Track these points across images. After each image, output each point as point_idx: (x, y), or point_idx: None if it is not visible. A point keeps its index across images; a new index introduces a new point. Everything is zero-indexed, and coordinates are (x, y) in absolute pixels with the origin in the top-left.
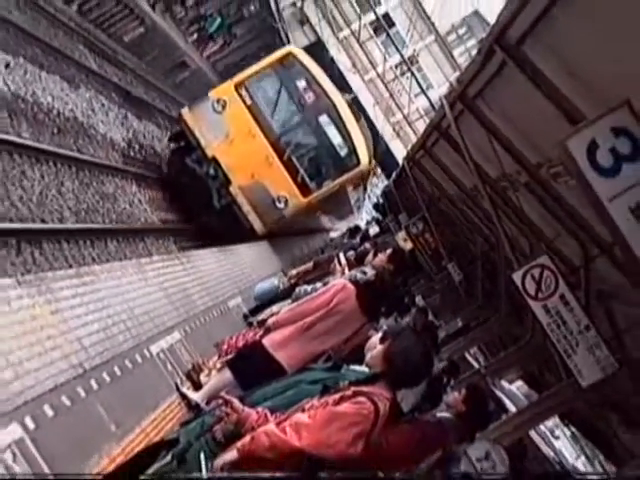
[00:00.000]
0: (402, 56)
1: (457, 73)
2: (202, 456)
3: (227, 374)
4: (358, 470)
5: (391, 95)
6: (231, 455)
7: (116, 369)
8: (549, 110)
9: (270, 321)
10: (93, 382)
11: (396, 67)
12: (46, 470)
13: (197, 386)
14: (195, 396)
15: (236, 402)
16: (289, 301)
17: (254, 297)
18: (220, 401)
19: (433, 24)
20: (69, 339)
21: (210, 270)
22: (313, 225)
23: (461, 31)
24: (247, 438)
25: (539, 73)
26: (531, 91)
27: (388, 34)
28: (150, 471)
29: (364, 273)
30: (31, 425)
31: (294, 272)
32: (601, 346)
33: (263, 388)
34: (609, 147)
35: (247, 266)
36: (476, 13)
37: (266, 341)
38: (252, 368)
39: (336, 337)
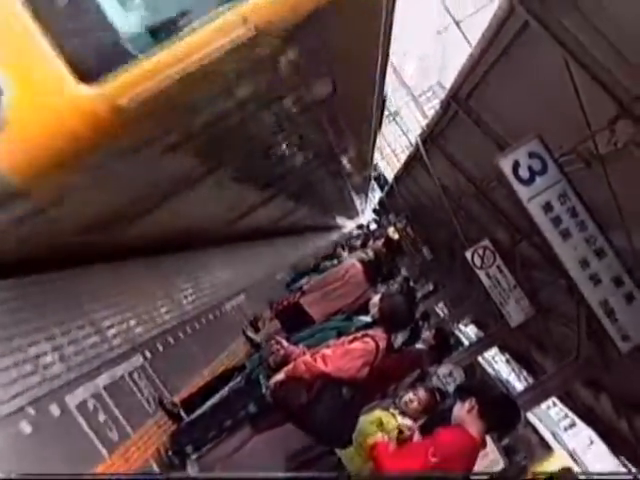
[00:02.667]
0: (389, 110)
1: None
2: (261, 377)
3: (276, 323)
4: (364, 387)
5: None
6: (280, 376)
7: (210, 316)
8: (487, 143)
9: (304, 287)
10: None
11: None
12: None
13: (257, 330)
14: (255, 337)
15: (284, 341)
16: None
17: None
18: (273, 341)
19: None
20: None
21: (259, 257)
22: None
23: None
24: (291, 365)
25: (480, 118)
26: (475, 130)
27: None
28: (226, 388)
29: (367, 254)
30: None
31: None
32: (524, 299)
33: (300, 332)
34: (527, 165)
35: (284, 259)
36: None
37: (302, 301)
38: (293, 319)
39: (349, 298)
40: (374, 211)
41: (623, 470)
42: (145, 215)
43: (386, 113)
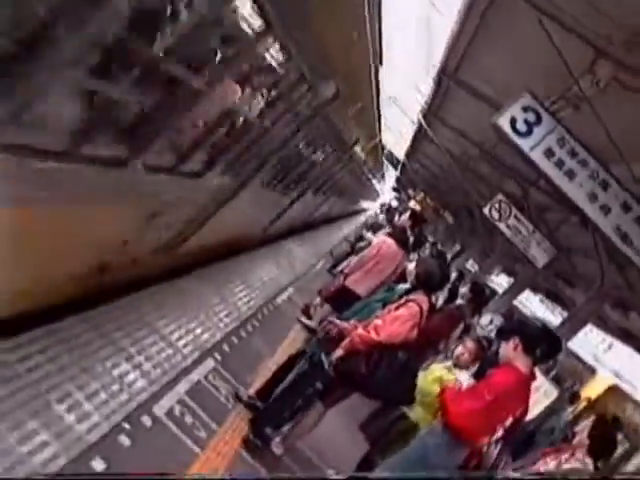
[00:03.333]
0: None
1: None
2: (322, 356)
3: (327, 307)
4: (414, 348)
5: None
6: (339, 352)
7: (266, 312)
8: (483, 107)
9: (345, 270)
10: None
11: None
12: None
13: (310, 317)
14: (310, 323)
15: (337, 321)
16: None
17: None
18: (326, 322)
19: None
20: None
21: (300, 251)
22: None
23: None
24: (347, 340)
25: (471, 87)
26: (469, 98)
27: None
28: (292, 373)
29: (394, 229)
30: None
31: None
32: (544, 241)
33: (350, 310)
34: (523, 119)
35: (321, 248)
36: None
37: (346, 282)
38: (341, 300)
39: (387, 271)
40: (393, 189)
41: None
42: (201, 232)
43: (386, 97)
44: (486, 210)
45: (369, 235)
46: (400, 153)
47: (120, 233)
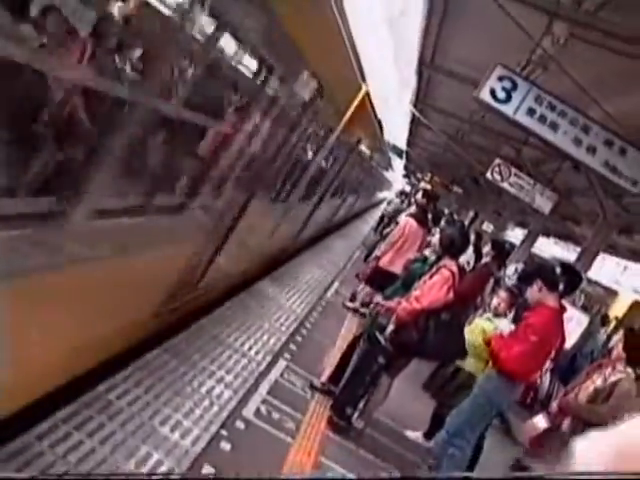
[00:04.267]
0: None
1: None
2: (377, 333)
3: (367, 288)
4: (454, 308)
5: None
6: (390, 327)
7: (319, 308)
8: (464, 85)
9: (378, 253)
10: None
11: None
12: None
13: (353, 299)
14: (352, 305)
15: (381, 300)
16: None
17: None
18: (373, 304)
19: None
20: None
21: (337, 247)
22: None
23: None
24: (394, 316)
25: (450, 71)
26: (450, 81)
27: None
28: (355, 355)
29: (413, 209)
30: (288, 357)
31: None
32: (545, 190)
33: (390, 288)
34: (500, 87)
35: (354, 241)
36: None
37: (380, 264)
38: (379, 280)
39: (415, 246)
40: (403, 176)
41: None
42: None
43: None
44: (488, 175)
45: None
46: (402, 143)
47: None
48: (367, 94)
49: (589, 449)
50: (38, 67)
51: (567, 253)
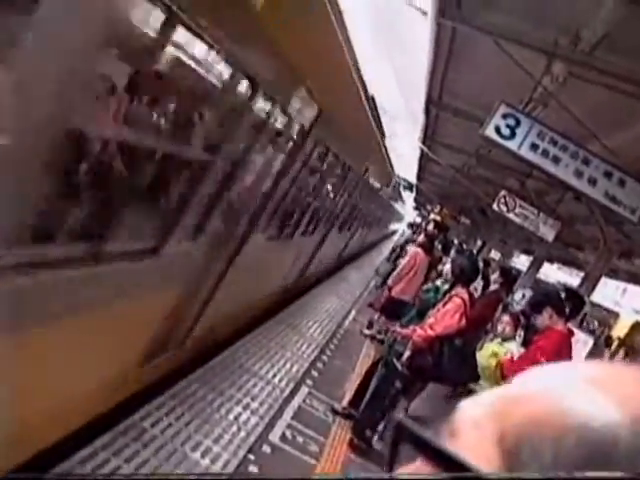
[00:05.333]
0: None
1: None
2: (394, 359)
3: (382, 318)
4: (466, 334)
5: None
6: (407, 353)
7: (338, 335)
8: (469, 122)
9: (390, 283)
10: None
11: None
12: None
13: (370, 327)
14: (369, 332)
15: (397, 328)
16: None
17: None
18: (390, 332)
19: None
20: None
21: (353, 277)
22: None
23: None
24: (410, 342)
25: (456, 108)
26: (456, 119)
27: None
28: (374, 379)
29: (423, 239)
30: (310, 383)
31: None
32: (548, 219)
33: (406, 316)
34: (505, 125)
35: (368, 271)
36: None
37: (393, 293)
38: (392, 308)
39: (423, 273)
40: (414, 208)
41: None
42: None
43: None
44: (495, 206)
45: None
46: (412, 177)
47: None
48: (380, 132)
49: (472, 402)
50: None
51: (571, 278)
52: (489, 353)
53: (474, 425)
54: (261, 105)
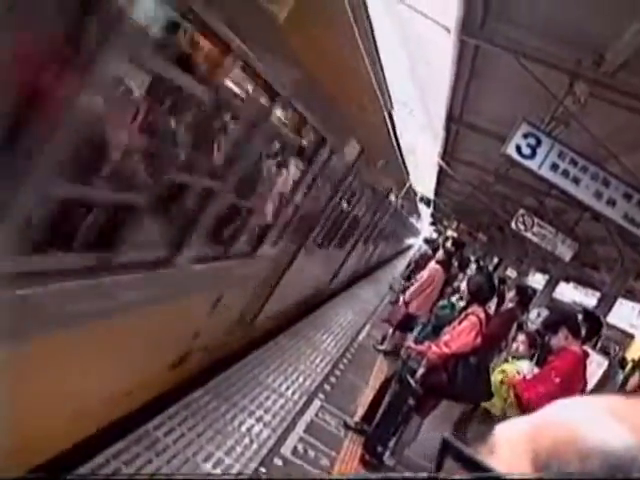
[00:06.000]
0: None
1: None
2: (408, 376)
3: (397, 333)
4: (481, 352)
5: None
6: (421, 370)
7: (352, 350)
8: (489, 140)
9: (406, 299)
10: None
11: None
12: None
13: (383, 341)
14: (382, 347)
15: (412, 344)
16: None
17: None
18: (404, 348)
19: None
20: None
21: (364, 296)
22: None
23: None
24: (425, 359)
25: (476, 125)
26: (476, 136)
27: None
28: (388, 395)
29: (440, 255)
30: (323, 397)
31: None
32: (566, 239)
33: (421, 332)
34: (526, 144)
35: (383, 286)
36: None
37: (410, 310)
38: (407, 323)
39: (438, 289)
40: (431, 224)
41: None
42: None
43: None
44: (512, 224)
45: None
46: (430, 193)
47: None
48: (399, 150)
49: (508, 426)
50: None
51: (586, 297)
52: (498, 369)
53: (510, 445)
54: (329, 156)
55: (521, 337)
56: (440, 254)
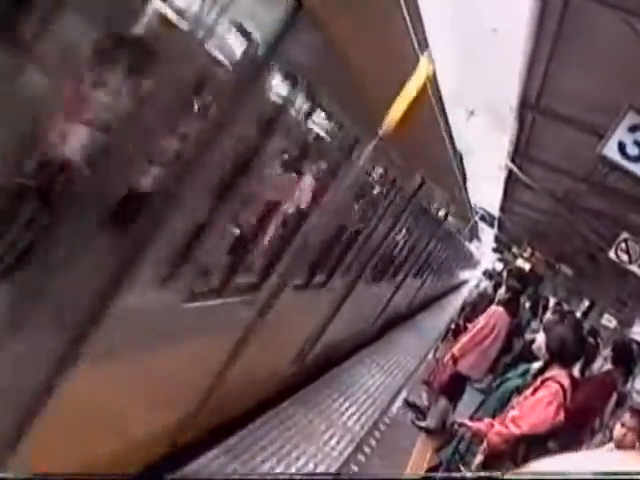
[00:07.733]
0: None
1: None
2: (460, 466)
3: (443, 401)
4: (565, 433)
5: None
6: (479, 459)
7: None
8: (577, 132)
9: (455, 352)
10: None
11: None
12: None
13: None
14: (424, 424)
15: (467, 422)
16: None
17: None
18: (456, 425)
19: None
20: None
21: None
22: None
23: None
24: (484, 443)
25: (559, 113)
26: (559, 126)
27: None
28: None
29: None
30: None
31: None
32: None
33: (480, 405)
34: (632, 141)
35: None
36: None
37: (460, 368)
38: (456, 388)
39: (499, 341)
40: (494, 250)
41: None
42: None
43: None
44: (611, 253)
45: None
46: (493, 208)
47: None
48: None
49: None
50: None
51: None
52: None
53: None
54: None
55: (628, 419)
56: (502, 292)
